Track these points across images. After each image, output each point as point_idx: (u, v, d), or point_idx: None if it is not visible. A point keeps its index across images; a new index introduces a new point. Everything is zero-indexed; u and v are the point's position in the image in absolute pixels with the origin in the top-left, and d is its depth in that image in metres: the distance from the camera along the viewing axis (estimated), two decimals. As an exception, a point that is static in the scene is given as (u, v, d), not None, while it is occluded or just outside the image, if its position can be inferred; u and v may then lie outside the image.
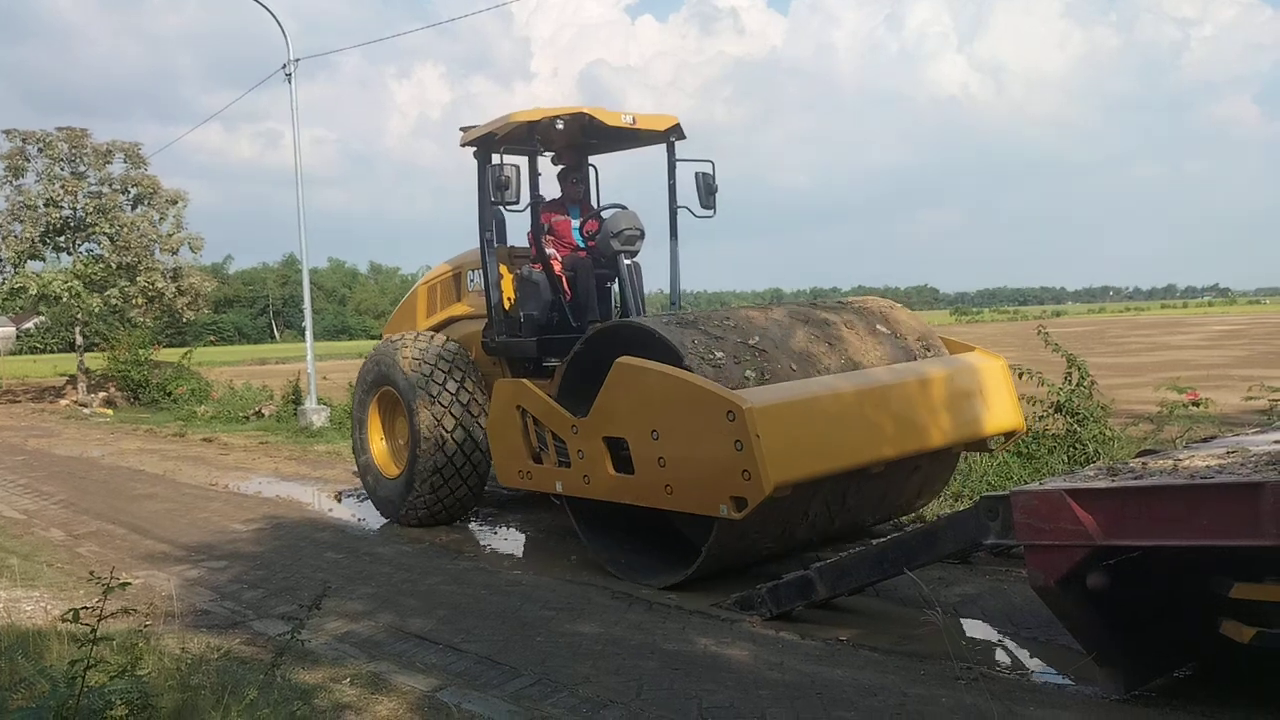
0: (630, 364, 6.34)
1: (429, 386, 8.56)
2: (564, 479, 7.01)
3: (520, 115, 8.08)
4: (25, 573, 7.38)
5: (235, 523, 9.49)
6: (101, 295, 26.08)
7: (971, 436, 6.90)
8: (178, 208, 27.49)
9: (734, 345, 6.38)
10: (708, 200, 8.68)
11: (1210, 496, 3.77)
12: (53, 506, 11.05)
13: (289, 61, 18.58)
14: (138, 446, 16.88)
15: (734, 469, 5.73)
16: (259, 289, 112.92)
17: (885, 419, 6.29)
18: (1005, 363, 7.29)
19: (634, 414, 6.32)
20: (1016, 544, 4.54)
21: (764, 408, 5.71)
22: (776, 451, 5.66)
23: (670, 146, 8.80)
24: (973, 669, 4.84)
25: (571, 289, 8.44)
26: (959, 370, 6.98)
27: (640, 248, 8.51)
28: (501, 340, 8.63)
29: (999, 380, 7.11)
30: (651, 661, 5.08)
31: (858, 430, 6.13)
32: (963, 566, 6.63)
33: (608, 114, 8.20)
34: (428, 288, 10.18)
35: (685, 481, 6.09)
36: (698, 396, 5.89)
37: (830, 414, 6.05)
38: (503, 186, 7.77)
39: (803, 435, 5.86)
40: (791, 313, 7.07)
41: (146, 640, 5.06)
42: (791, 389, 6.10)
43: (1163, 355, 28.84)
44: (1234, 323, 54.08)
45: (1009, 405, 7.11)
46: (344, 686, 4.79)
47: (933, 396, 6.63)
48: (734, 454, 5.70)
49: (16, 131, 26.39)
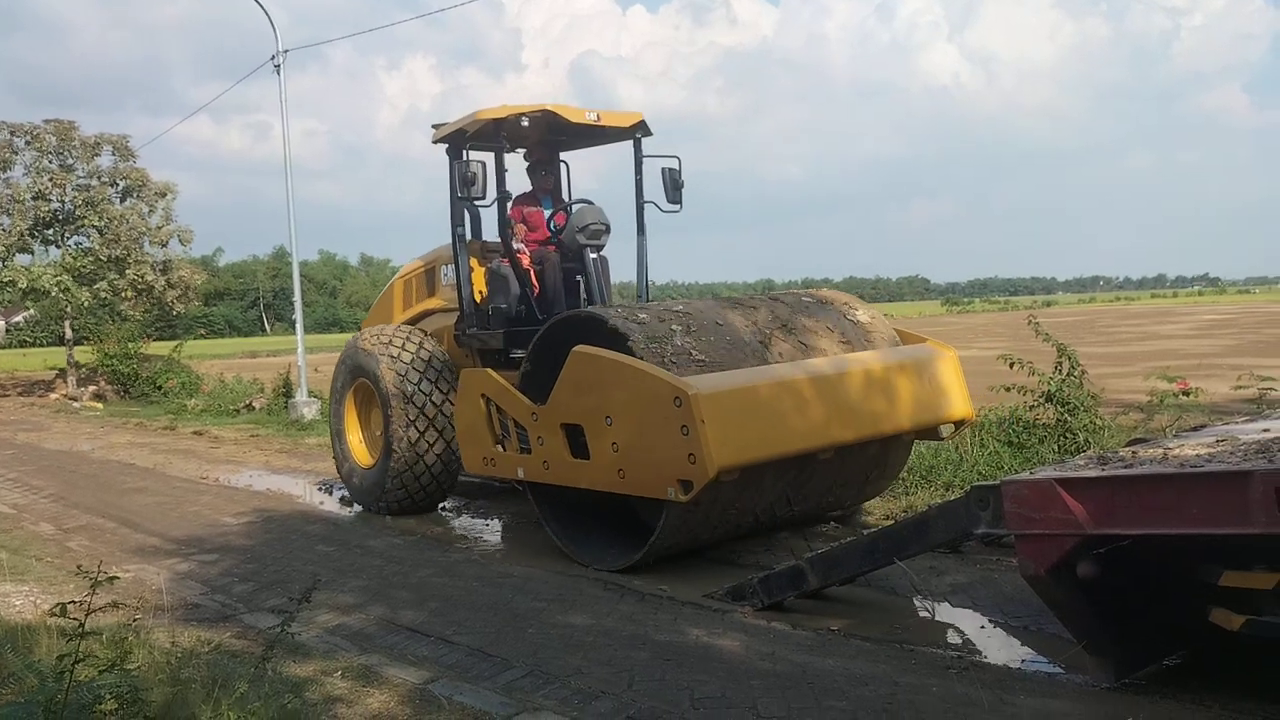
0: (585, 352, 6.53)
1: (403, 384, 8.75)
2: (525, 465, 7.20)
3: (486, 113, 8.26)
4: (14, 567, 7.35)
5: (226, 516, 9.47)
6: (91, 288, 25.96)
7: (920, 425, 7.06)
8: (167, 200, 27.36)
9: (685, 334, 6.60)
10: (674, 195, 8.85)
11: (1200, 485, 3.77)
12: (42, 500, 11.01)
13: (278, 53, 18.51)
14: (128, 440, 16.83)
15: (680, 453, 5.91)
16: (249, 282, 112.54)
17: (830, 407, 6.46)
18: (955, 354, 7.45)
19: (588, 401, 6.52)
20: (1007, 533, 4.54)
21: (709, 394, 5.90)
22: (720, 436, 5.84)
23: (637, 143, 8.98)
24: (963, 658, 4.86)
25: (539, 282, 8.61)
26: (908, 361, 7.14)
27: (606, 242, 8.67)
28: (472, 332, 8.81)
29: (949, 371, 7.27)
30: (643, 652, 5.08)
31: (802, 417, 6.31)
32: (954, 556, 6.64)
33: (572, 111, 8.37)
34: (404, 282, 10.37)
35: (636, 466, 6.28)
36: (646, 383, 6.10)
37: (775, 401, 6.23)
38: (469, 182, 7.96)
39: (747, 421, 6.04)
40: (745, 303, 7.32)
41: (136, 634, 5.05)
42: (737, 376, 6.29)
43: (1153, 345, 28.92)
44: (1224, 312, 54.27)
45: (958, 395, 7.27)
46: (335, 679, 4.78)
47: (880, 386, 6.80)
48: (680, 438, 5.89)
49: (4, 124, 26.18)
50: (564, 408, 6.74)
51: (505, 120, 8.20)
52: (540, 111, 8.24)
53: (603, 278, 8.62)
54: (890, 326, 7.69)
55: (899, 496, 8.24)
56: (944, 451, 8.88)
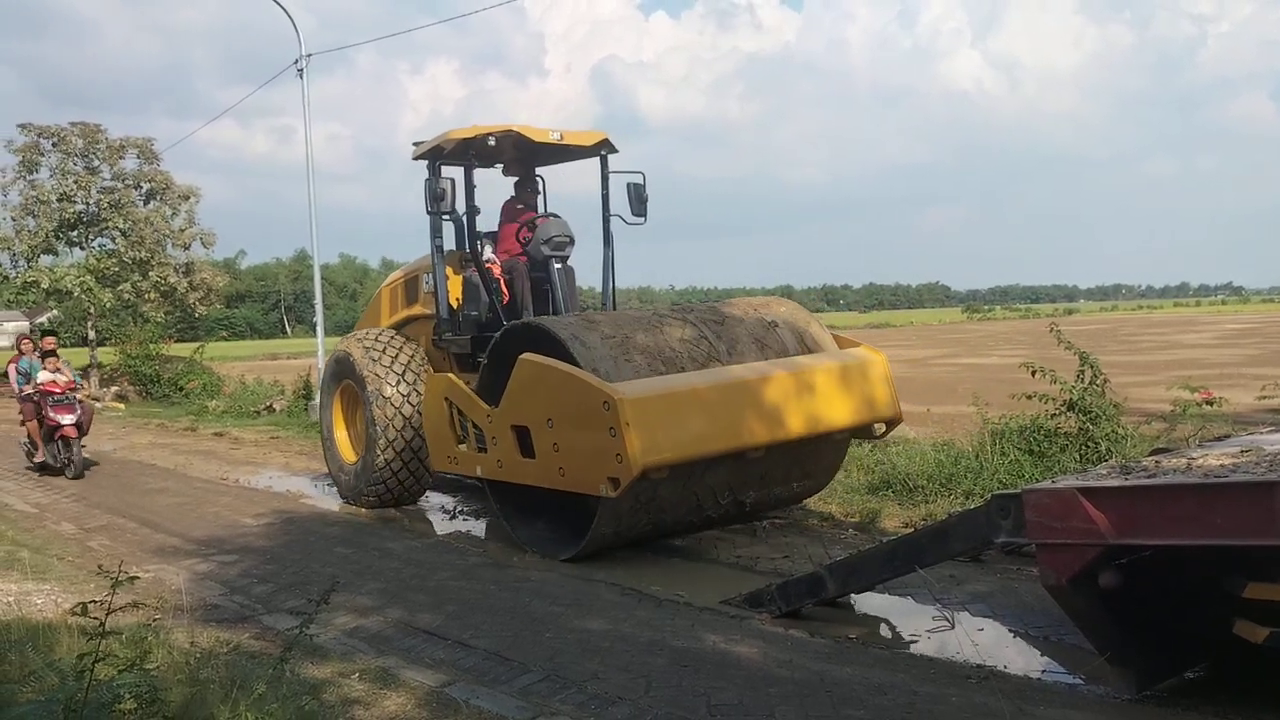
0: (530, 359, 7.12)
1: (382, 385, 9.28)
2: (482, 463, 7.82)
3: (457, 133, 8.84)
4: (36, 566, 7.41)
5: (245, 517, 9.51)
6: (114, 290, 26.18)
7: (849, 424, 7.53)
8: (190, 203, 27.63)
9: (623, 342, 7.17)
10: (639, 208, 9.39)
11: (1224, 496, 3.74)
12: (64, 500, 11.09)
13: (301, 57, 18.62)
14: (149, 441, 16.94)
15: (609, 453, 6.48)
16: (270, 284, 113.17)
17: (755, 409, 6.98)
18: (885, 358, 7.93)
19: (534, 404, 7.10)
20: (1028, 542, 4.52)
21: (635, 398, 6.46)
22: (645, 437, 6.40)
23: (603, 160, 9.50)
24: (983, 667, 4.82)
25: (508, 291, 9.18)
26: (837, 365, 7.65)
27: (570, 253, 9.27)
28: (447, 337, 9.37)
29: (878, 373, 7.77)
30: (660, 658, 5.07)
31: (727, 419, 6.83)
32: (974, 565, 6.60)
33: (536, 131, 8.91)
34: (390, 290, 10.86)
35: (573, 464, 6.88)
36: (580, 388, 6.67)
37: (700, 405, 6.77)
38: (439, 198, 8.63)
39: (671, 423, 6.59)
40: (685, 313, 7.94)
41: (155, 634, 5.07)
42: (663, 382, 6.86)
43: (1175, 354, 28.71)
44: (1247, 321, 53.82)
45: (886, 396, 7.75)
46: (352, 681, 4.79)
47: (808, 389, 7.31)
48: (609, 439, 6.45)
49: (31, 126, 26.49)
50: (513, 410, 7.28)
51: (474, 139, 8.76)
52: (506, 131, 8.77)
53: (569, 287, 9.19)
54: (828, 333, 8.25)
55: (918, 504, 8.19)
56: (964, 460, 8.84)
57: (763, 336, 7.85)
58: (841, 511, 8.35)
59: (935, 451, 9.38)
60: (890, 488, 8.73)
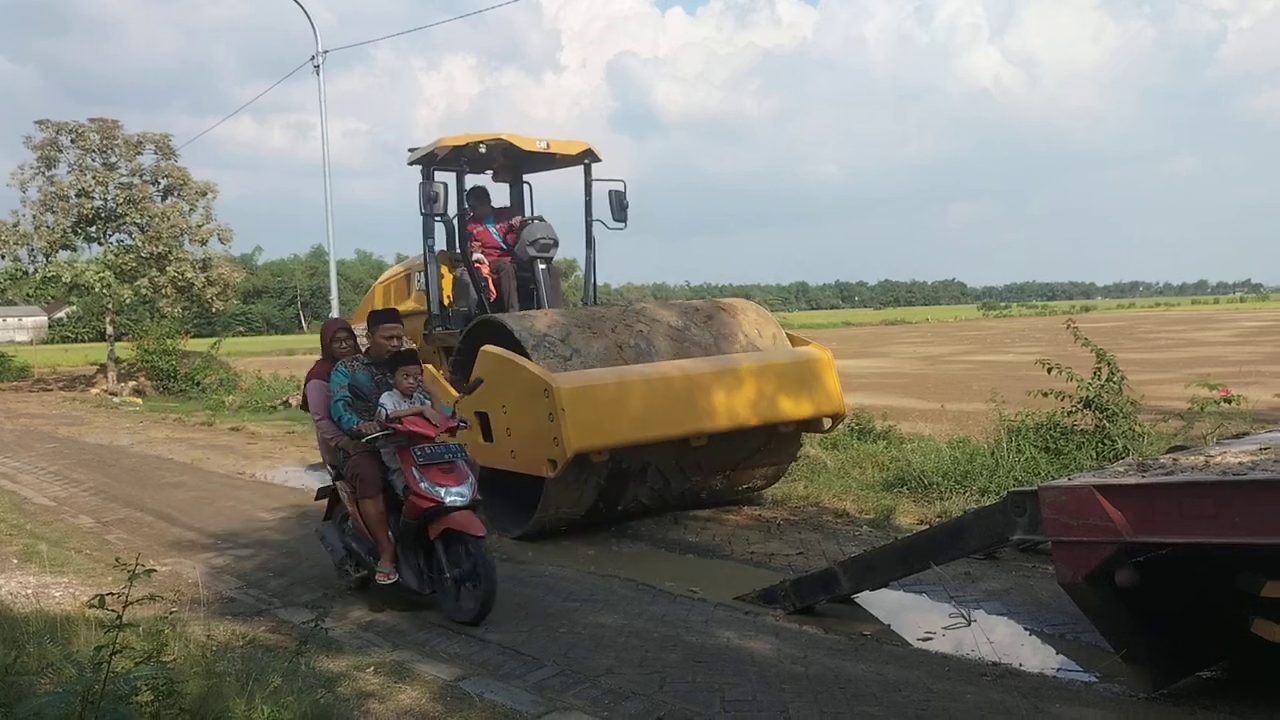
0: (488, 351, 7.68)
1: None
2: None
3: (448, 140, 9.21)
4: (54, 559, 7.46)
5: (262, 511, 9.56)
6: (132, 285, 26.32)
7: (787, 418, 8.02)
8: (207, 199, 27.70)
9: (573, 338, 7.72)
10: (620, 214, 9.77)
11: (1242, 493, 3.71)
12: (82, 494, 11.17)
13: (317, 54, 18.70)
14: (166, 435, 17.03)
15: (548, 437, 7.05)
16: (287, 280, 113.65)
17: (692, 400, 7.50)
18: (831, 355, 8.41)
19: (491, 392, 7.49)
20: (1044, 539, 4.49)
21: (571, 388, 7.05)
22: (579, 423, 6.96)
23: (586, 168, 9.88)
24: (998, 665, 4.80)
25: (495, 289, 9.56)
26: (782, 361, 8.20)
27: (554, 255, 9.74)
28: (437, 331, 9.72)
29: (823, 370, 8.26)
30: (674, 654, 5.07)
31: (664, 409, 7.36)
32: (989, 562, 6.57)
33: (524, 140, 9.33)
34: (384, 286, 11.24)
35: (523, 448, 7.44)
36: (526, 376, 7.26)
37: (636, 394, 7.30)
38: (432, 200, 9.05)
39: (606, 411, 7.14)
40: (645, 311, 8.46)
41: (172, 627, 5.10)
42: (601, 373, 7.42)
43: (1193, 351, 28.51)
44: (1266, 319, 53.41)
45: (831, 392, 8.23)
46: (367, 675, 4.81)
47: (748, 382, 7.79)
48: (548, 424, 7.03)
49: (49, 122, 26.64)
50: (476, 398, 7.57)
51: (465, 147, 9.15)
52: (495, 140, 9.19)
53: (552, 286, 9.65)
54: (781, 331, 8.79)
55: (933, 501, 8.17)
56: (979, 457, 8.81)
57: (718, 333, 8.40)
58: (856, 508, 8.33)
59: (951, 448, 9.35)
60: (905, 484, 8.71)
